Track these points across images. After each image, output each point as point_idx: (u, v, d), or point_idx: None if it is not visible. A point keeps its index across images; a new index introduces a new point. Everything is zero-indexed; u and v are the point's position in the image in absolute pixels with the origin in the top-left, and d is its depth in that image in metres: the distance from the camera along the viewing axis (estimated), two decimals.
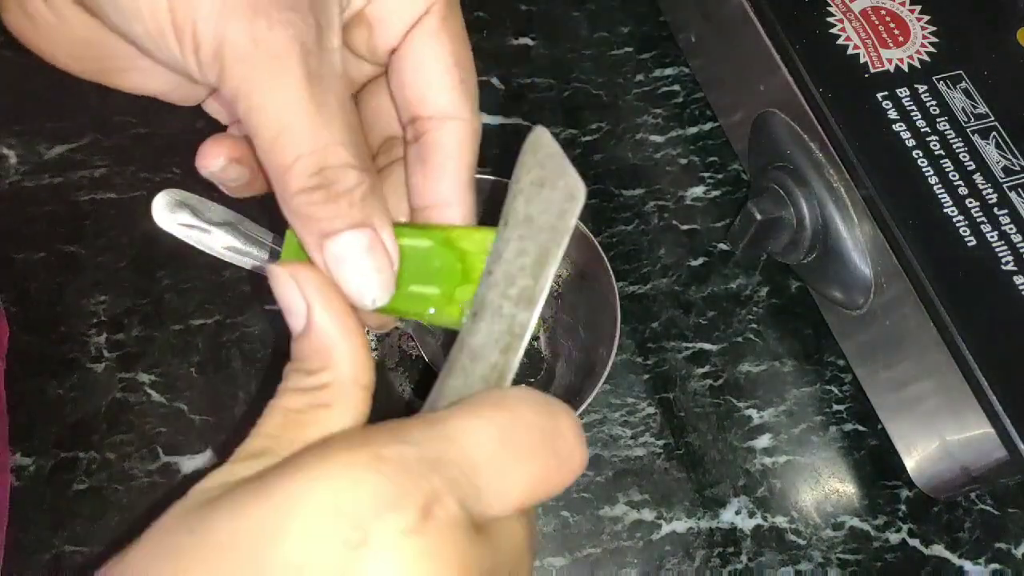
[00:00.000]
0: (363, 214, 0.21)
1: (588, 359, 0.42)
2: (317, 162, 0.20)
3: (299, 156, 0.20)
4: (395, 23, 0.23)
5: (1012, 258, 0.37)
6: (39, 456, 0.42)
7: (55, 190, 0.50)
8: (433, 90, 0.23)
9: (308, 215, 0.21)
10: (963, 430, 0.36)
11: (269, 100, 0.20)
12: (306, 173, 0.20)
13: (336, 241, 0.21)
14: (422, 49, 0.23)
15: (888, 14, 0.43)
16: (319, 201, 0.20)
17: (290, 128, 0.20)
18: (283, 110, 0.20)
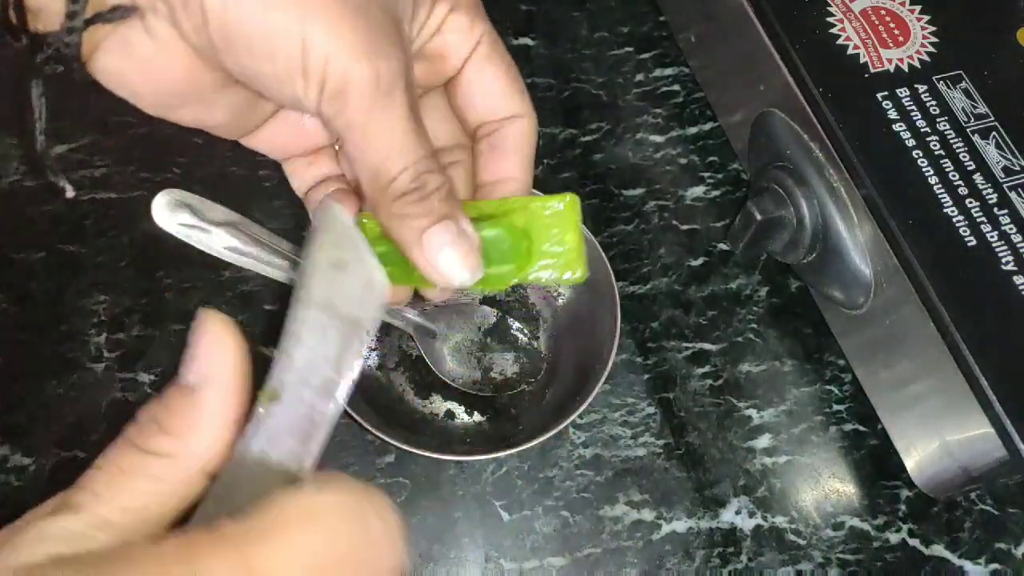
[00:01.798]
0: (449, 208, 0.25)
1: (588, 359, 0.42)
2: (416, 171, 0.24)
3: (404, 168, 0.24)
4: (453, 57, 0.28)
5: (1012, 258, 0.37)
6: (39, 456, 0.42)
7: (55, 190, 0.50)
8: (502, 100, 0.28)
9: (408, 214, 0.25)
10: (963, 430, 0.36)
11: (383, 127, 0.24)
12: (408, 180, 0.24)
13: (432, 233, 0.25)
14: (484, 72, 0.28)
15: (888, 14, 0.43)
16: (416, 200, 0.24)
17: (398, 148, 0.24)
18: (393, 135, 0.24)
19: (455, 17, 0.27)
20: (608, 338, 0.40)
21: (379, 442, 0.43)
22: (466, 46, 0.28)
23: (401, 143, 0.24)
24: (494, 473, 0.44)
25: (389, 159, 0.24)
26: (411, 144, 0.25)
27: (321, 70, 0.23)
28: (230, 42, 0.23)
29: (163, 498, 0.20)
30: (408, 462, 0.43)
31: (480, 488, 0.43)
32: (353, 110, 0.23)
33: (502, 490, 0.43)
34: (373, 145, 0.24)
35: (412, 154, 0.25)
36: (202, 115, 0.28)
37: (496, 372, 0.44)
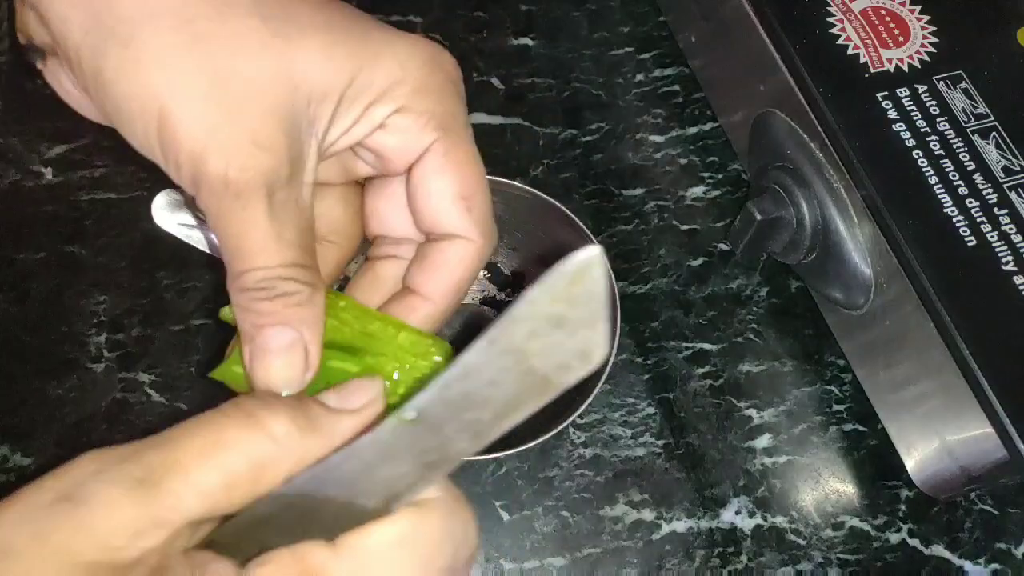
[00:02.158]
0: (294, 318, 0.24)
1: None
2: (264, 275, 0.23)
3: (251, 270, 0.23)
4: (395, 159, 0.26)
5: (1012, 258, 0.37)
6: (39, 456, 0.42)
7: (55, 190, 0.50)
8: (443, 216, 0.26)
9: (247, 308, 0.24)
10: (963, 430, 0.36)
11: (233, 226, 0.23)
12: (253, 280, 0.23)
13: (263, 332, 0.24)
14: (429, 182, 0.26)
15: (888, 14, 0.43)
16: (260, 299, 0.24)
17: (247, 250, 0.23)
18: (243, 236, 0.23)
19: (400, 119, 0.25)
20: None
21: None
22: (411, 149, 0.25)
23: (253, 246, 0.23)
24: (494, 473, 0.44)
25: (239, 256, 0.23)
26: (262, 251, 0.23)
27: (175, 152, 0.22)
28: (102, 98, 0.23)
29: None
30: None
31: (480, 488, 0.43)
32: (204, 199, 0.23)
33: (502, 490, 0.43)
34: (225, 239, 0.23)
35: (263, 260, 0.23)
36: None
37: None
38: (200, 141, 0.22)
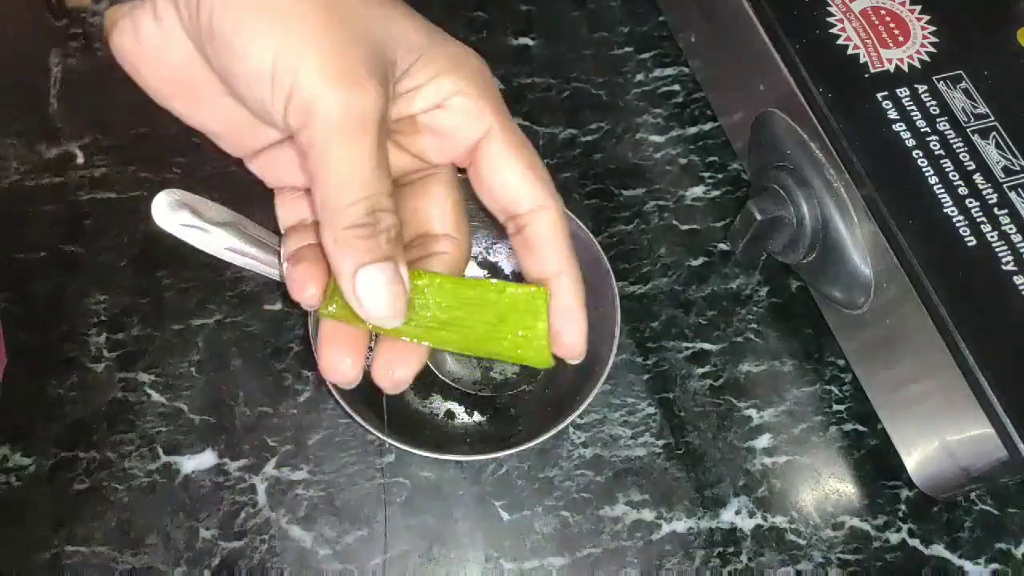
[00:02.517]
0: (392, 251, 0.25)
1: (588, 359, 0.42)
2: (371, 205, 0.24)
3: (358, 200, 0.24)
4: (459, 140, 0.28)
5: (1012, 258, 0.37)
6: (39, 456, 0.42)
7: (55, 190, 0.50)
8: (520, 194, 0.28)
9: (351, 247, 0.25)
10: (963, 430, 0.36)
11: (344, 155, 0.24)
12: (361, 213, 0.24)
13: (369, 270, 0.25)
14: (499, 167, 0.28)
15: (888, 14, 0.43)
16: (363, 236, 0.24)
17: (357, 179, 0.24)
18: (353, 164, 0.24)
19: (462, 100, 0.27)
20: (608, 338, 0.40)
21: (379, 442, 0.43)
22: (474, 132, 0.28)
23: (360, 175, 0.24)
24: (494, 473, 0.44)
25: (345, 187, 0.24)
26: (371, 179, 0.24)
27: (289, 82, 0.23)
28: (214, 34, 0.24)
29: None
30: (408, 462, 0.43)
31: (480, 488, 0.43)
32: (317, 130, 0.24)
33: (502, 490, 0.43)
34: (332, 169, 0.24)
35: (370, 188, 0.24)
36: (200, 117, 0.28)
37: (496, 372, 0.44)
38: (318, 77, 0.23)
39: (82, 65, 0.54)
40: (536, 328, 0.27)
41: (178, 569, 0.40)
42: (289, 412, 0.44)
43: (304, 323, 0.47)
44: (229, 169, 0.51)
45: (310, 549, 0.41)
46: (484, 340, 0.28)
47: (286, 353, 0.46)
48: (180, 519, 0.41)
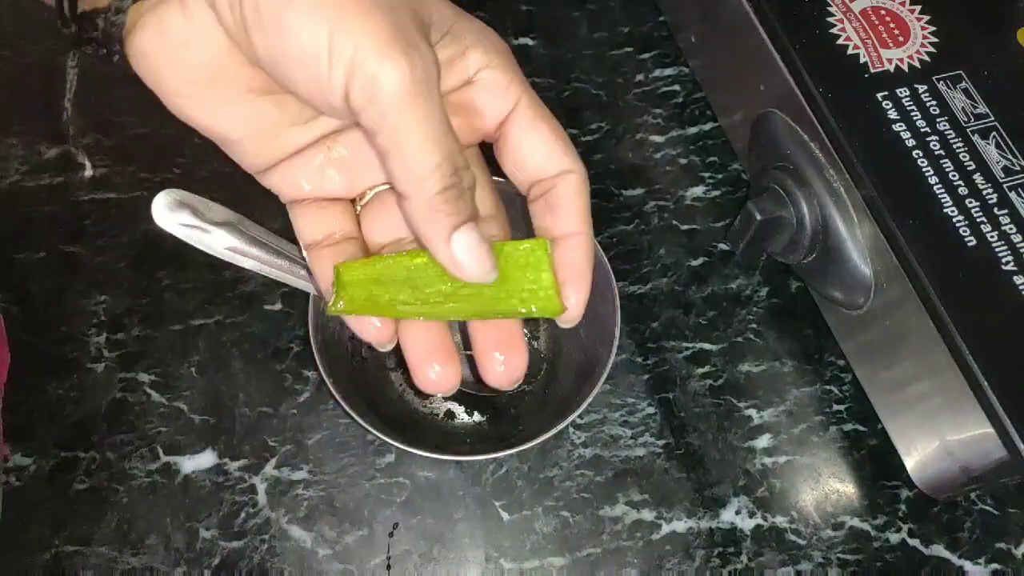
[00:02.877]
0: (474, 208, 0.26)
1: (588, 359, 0.42)
2: (453, 165, 0.25)
3: (440, 162, 0.24)
4: (489, 115, 0.28)
5: (1012, 258, 0.37)
6: (39, 456, 0.42)
7: (55, 190, 0.50)
8: (550, 160, 0.29)
9: (444, 211, 0.25)
10: (963, 430, 0.36)
11: (418, 121, 0.24)
12: (447, 174, 0.24)
13: (462, 232, 0.25)
14: (530, 136, 0.29)
15: (888, 14, 0.43)
16: (453, 198, 0.25)
17: (435, 141, 0.24)
18: (430, 127, 0.24)
19: (490, 74, 0.27)
20: (608, 338, 0.40)
21: (379, 442, 0.43)
22: (503, 106, 0.28)
23: (437, 136, 0.24)
24: (494, 473, 0.44)
25: (427, 152, 0.24)
26: (446, 137, 0.24)
27: (349, 59, 0.23)
28: (261, 16, 0.24)
29: None
30: (408, 462, 0.43)
31: (480, 488, 0.43)
32: (386, 103, 0.23)
33: (502, 490, 0.43)
34: (410, 137, 0.24)
35: (448, 147, 0.24)
36: (220, 121, 0.28)
37: None
38: (376, 49, 0.23)
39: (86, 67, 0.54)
40: (541, 279, 0.27)
41: (178, 569, 0.40)
42: (289, 412, 0.44)
43: (304, 323, 0.47)
44: (229, 169, 0.51)
45: (310, 549, 0.41)
46: (493, 302, 0.28)
47: (286, 353, 0.46)
48: (180, 519, 0.41)
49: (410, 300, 0.28)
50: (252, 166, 0.29)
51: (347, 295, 0.28)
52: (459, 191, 0.25)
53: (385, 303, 0.28)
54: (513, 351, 0.29)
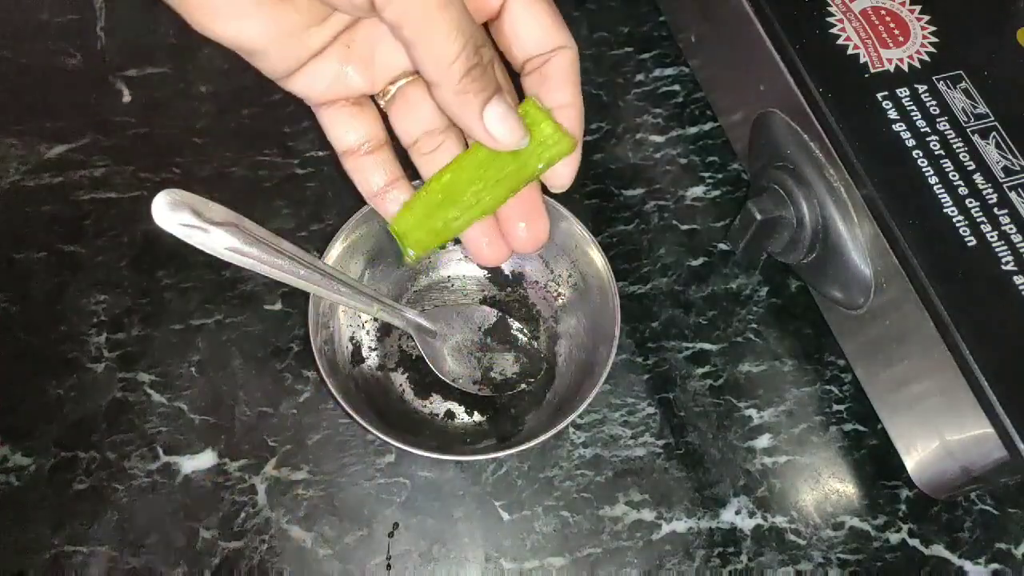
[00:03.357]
0: (498, 80, 0.29)
1: (588, 359, 0.42)
2: (475, 43, 0.27)
3: (464, 43, 0.26)
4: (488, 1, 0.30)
5: (1012, 258, 0.37)
6: (39, 456, 0.42)
7: (55, 190, 0.50)
8: (547, 35, 0.30)
9: (471, 91, 0.27)
10: (963, 430, 0.36)
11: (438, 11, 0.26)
12: (471, 55, 0.27)
13: (491, 106, 0.28)
14: (524, 14, 0.30)
15: (888, 14, 0.43)
16: (479, 76, 0.27)
17: (457, 27, 0.26)
18: (452, 14, 0.26)
19: None
20: (608, 338, 0.40)
21: (379, 442, 0.43)
22: None
23: (458, 22, 0.26)
24: (494, 473, 0.44)
25: (450, 37, 0.26)
26: (465, 21, 0.26)
27: None
28: None
29: None
30: (408, 462, 0.43)
31: (480, 488, 0.43)
32: (406, 10, 0.25)
33: (502, 490, 0.43)
34: (435, 27, 0.26)
35: (468, 28, 0.27)
36: (244, 32, 0.28)
37: (496, 372, 0.44)
38: None
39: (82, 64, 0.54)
40: (545, 131, 0.30)
41: (178, 569, 0.40)
42: (289, 412, 0.44)
43: (304, 323, 0.47)
44: (229, 169, 0.51)
45: (310, 549, 0.41)
46: (517, 173, 0.31)
47: (286, 353, 0.46)
48: (180, 519, 0.41)
49: (457, 214, 0.32)
50: (277, 72, 0.30)
51: (411, 241, 0.33)
52: (482, 68, 0.27)
53: (441, 228, 0.32)
54: (534, 216, 0.33)
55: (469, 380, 0.43)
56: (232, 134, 0.52)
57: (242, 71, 0.55)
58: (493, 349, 0.44)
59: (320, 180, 0.51)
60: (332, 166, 0.51)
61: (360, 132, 0.32)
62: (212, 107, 0.53)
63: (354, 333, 0.44)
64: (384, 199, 0.34)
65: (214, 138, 0.52)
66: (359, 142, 0.33)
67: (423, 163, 0.33)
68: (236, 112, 0.53)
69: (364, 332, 0.45)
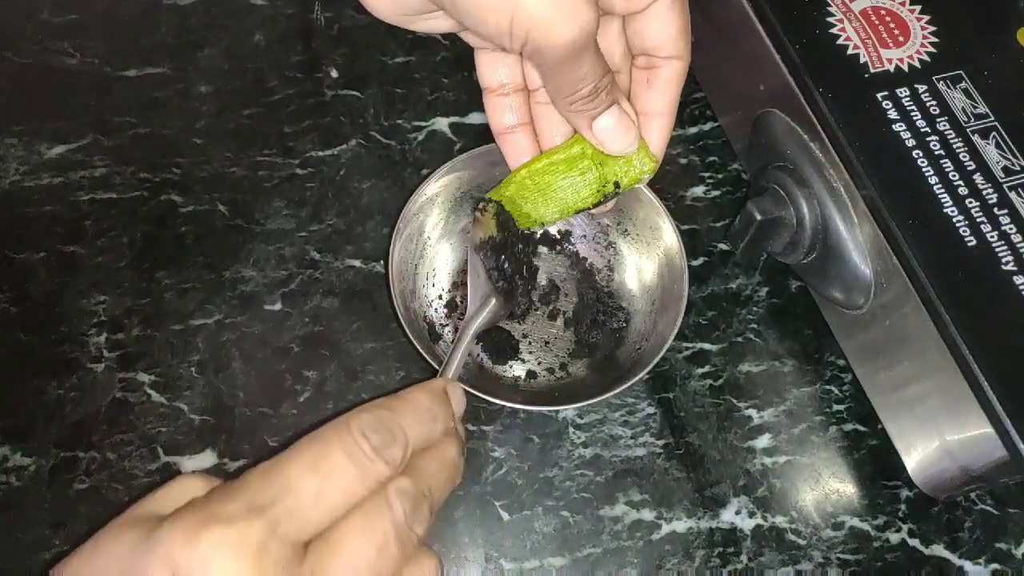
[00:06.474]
0: (611, 98, 0.34)
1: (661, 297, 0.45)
2: (596, 85, 0.32)
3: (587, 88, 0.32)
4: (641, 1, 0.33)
5: (1012, 258, 0.37)
6: (39, 456, 0.42)
7: (55, 190, 0.50)
8: (671, 42, 0.34)
9: (579, 112, 0.33)
10: (963, 430, 0.36)
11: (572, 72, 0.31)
12: (590, 91, 0.32)
13: (599, 120, 0.34)
14: (664, 15, 0.34)
15: (888, 14, 0.43)
16: (587, 100, 0.33)
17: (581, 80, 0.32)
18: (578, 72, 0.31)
19: None
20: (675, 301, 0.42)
21: None
22: None
23: (585, 73, 0.31)
24: (494, 473, 0.44)
25: (576, 84, 0.32)
26: (593, 71, 0.32)
27: (524, 35, 0.29)
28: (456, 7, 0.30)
29: None
30: None
31: (480, 488, 0.43)
32: (546, 61, 0.30)
33: (502, 490, 0.43)
34: (564, 76, 0.31)
35: (594, 75, 0.32)
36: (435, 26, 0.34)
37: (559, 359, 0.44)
38: (549, 20, 0.29)
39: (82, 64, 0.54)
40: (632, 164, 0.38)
41: None
42: (289, 412, 0.44)
43: (304, 323, 0.47)
44: (229, 169, 0.51)
45: None
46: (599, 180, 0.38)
47: (286, 353, 0.46)
48: None
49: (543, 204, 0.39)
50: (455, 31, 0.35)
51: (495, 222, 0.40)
52: (593, 96, 0.32)
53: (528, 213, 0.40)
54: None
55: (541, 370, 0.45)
56: (232, 134, 0.52)
57: (242, 71, 0.55)
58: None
59: (320, 180, 0.51)
60: (332, 166, 0.51)
61: (503, 73, 0.37)
62: (212, 107, 0.53)
63: (426, 313, 0.45)
64: (507, 138, 0.38)
65: (214, 138, 0.52)
66: (500, 82, 0.37)
67: (538, 112, 0.38)
68: (236, 112, 0.53)
69: (433, 311, 0.46)
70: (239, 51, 0.55)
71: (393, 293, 0.41)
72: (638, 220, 0.45)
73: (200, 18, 0.56)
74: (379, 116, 0.53)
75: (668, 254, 0.44)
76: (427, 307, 0.46)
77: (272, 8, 0.57)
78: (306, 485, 0.24)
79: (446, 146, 0.53)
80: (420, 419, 0.27)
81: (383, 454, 0.25)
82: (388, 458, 0.25)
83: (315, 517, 0.24)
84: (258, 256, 0.48)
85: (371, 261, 0.49)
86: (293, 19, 0.57)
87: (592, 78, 0.32)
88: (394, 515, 0.25)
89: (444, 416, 0.29)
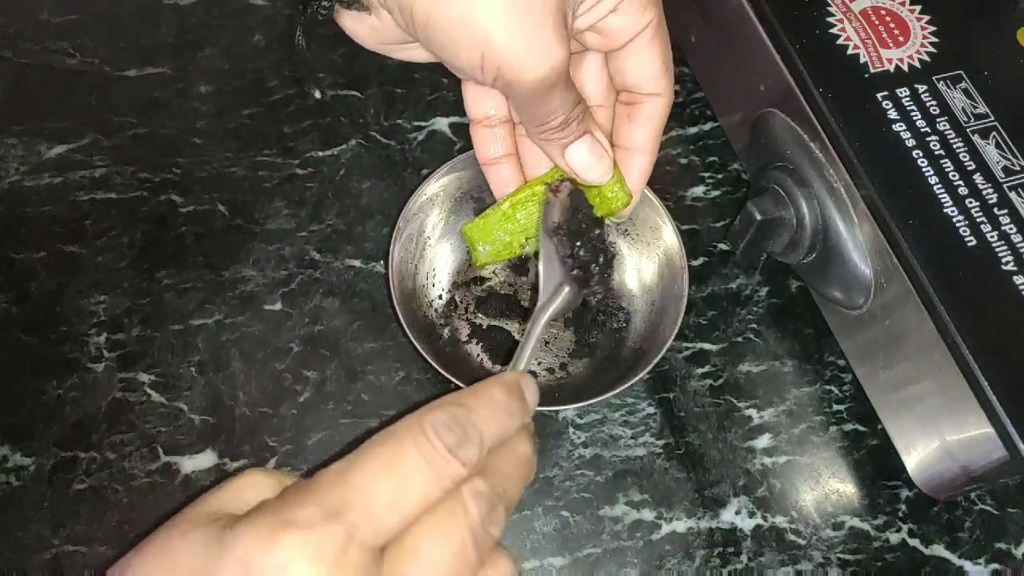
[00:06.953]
0: (583, 128, 0.34)
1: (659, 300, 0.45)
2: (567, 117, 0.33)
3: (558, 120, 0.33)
4: (621, 36, 0.34)
5: (1012, 258, 0.37)
6: (39, 456, 0.42)
7: (55, 190, 0.50)
8: (651, 79, 0.35)
9: (551, 141, 0.34)
10: (963, 430, 0.36)
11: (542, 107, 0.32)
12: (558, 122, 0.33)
13: (572, 147, 0.34)
14: (643, 52, 0.34)
15: (888, 14, 0.43)
16: (562, 128, 0.33)
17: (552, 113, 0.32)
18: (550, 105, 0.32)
19: (630, 3, 0.32)
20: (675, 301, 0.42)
21: None
22: (634, 28, 0.33)
23: (556, 106, 0.32)
24: None
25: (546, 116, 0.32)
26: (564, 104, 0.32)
27: (495, 71, 0.30)
28: (430, 41, 0.31)
29: None
30: None
31: None
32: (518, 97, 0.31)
33: None
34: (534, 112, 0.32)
35: (566, 110, 0.32)
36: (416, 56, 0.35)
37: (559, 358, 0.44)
38: (519, 57, 0.29)
39: (82, 64, 0.54)
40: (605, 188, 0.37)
41: None
42: (289, 412, 0.44)
43: (304, 323, 0.47)
44: (229, 169, 0.51)
45: None
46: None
47: (286, 353, 0.46)
48: None
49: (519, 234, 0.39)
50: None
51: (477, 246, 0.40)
52: (564, 125, 0.33)
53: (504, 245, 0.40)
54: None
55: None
56: (232, 134, 0.52)
57: (242, 71, 0.55)
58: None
59: (320, 180, 0.51)
60: (332, 166, 0.51)
61: (489, 105, 0.37)
62: (212, 107, 0.53)
63: (426, 313, 0.45)
64: (494, 168, 0.39)
65: (214, 138, 0.52)
66: (487, 114, 0.38)
67: (523, 144, 0.38)
68: (236, 112, 0.53)
69: (433, 311, 0.46)
70: (239, 51, 0.55)
71: (393, 293, 0.41)
72: (638, 220, 0.45)
73: (200, 18, 0.56)
74: (379, 116, 0.53)
75: (668, 254, 0.44)
76: (427, 307, 0.46)
77: (272, 8, 0.57)
78: (381, 488, 0.23)
79: (446, 146, 0.53)
80: (495, 415, 0.26)
81: (458, 454, 0.24)
82: (463, 458, 0.24)
83: (391, 522, 0.23)
84: (258, 256, 0.48)
85: (371, 261, 0.49)
86: (293, 19, 0.57)
87: (563, 111, 0.32)
88: (470, 518, 0.24)
89: (520, 411, 0.28)
